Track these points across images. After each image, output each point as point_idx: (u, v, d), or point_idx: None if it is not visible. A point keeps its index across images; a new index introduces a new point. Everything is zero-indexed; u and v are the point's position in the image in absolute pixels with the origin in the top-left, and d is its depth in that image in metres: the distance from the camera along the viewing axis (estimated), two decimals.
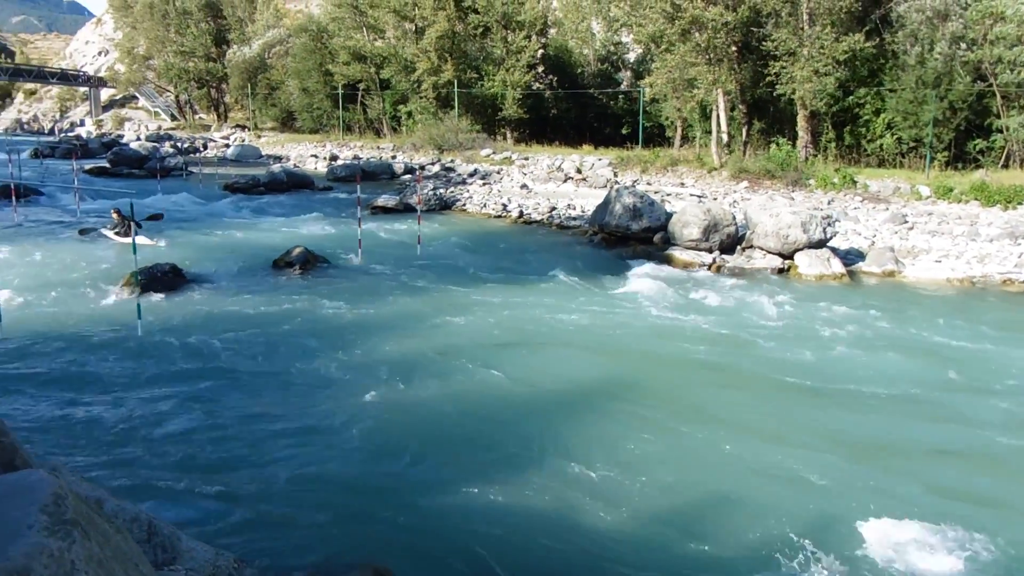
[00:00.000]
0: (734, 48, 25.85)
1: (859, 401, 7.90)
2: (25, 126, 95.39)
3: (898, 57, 24.09)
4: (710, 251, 15.15)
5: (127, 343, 9.28)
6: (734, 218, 15.82)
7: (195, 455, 6.32)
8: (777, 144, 25.27)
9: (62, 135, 68.80)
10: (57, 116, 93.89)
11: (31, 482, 1.69)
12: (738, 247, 15.37)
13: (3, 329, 9.18)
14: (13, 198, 20.45)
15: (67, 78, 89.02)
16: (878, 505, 5.64)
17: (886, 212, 18.77)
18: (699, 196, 22.25)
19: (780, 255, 14.65)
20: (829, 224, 14.80)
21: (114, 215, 16.61)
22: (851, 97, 25.41)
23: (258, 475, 6.00)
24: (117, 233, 16.16)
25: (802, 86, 23.51)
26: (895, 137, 24.80)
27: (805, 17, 23.80)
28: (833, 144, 26.10)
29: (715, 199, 21.53)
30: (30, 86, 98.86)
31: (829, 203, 20.44)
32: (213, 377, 8.26)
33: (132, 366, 8.53)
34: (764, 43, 24.87)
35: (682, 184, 25.15)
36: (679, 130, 32.24)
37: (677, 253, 15.21)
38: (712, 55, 25.01)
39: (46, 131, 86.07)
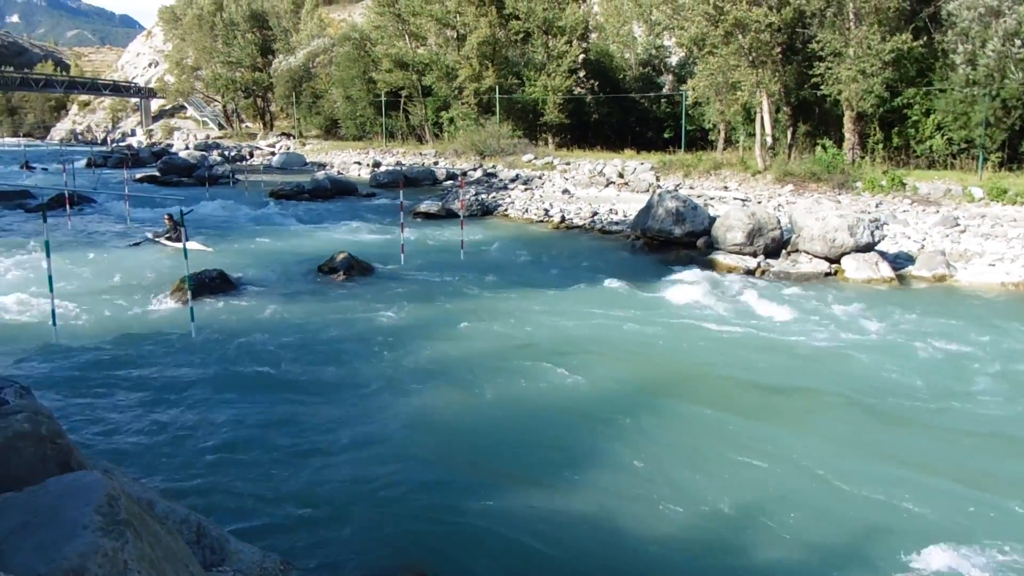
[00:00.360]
0: (778, 50, 25.53)
1: (911, 414, 7.67)
2: (79, 136, 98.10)
3: (948, 56, 23.51)
4: (754, 255, 14.95)
5: (178, 348, 9.47)
6: (779, 222, 15.60)
7: (242, 458, 6.42)
8: (823, 146, 24.86)
9: (114, 145, 70.63)
10: (109, 126, 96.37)
11: (86, 483, 1.73)
12: (783, 251, 15.15)
13: (58, 334, 9.43)
14: (67, 206, 21.07)
15: (119, 89, 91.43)
16: (931, 528, 5.49)
17: (936, 215, 18.34)
18: (743, 200, 21.99)
19: (826, 259, 14.40)
20: (877, 227, 14.51)
21: (166, 220, 17.01)
22: (899, 98, 24.88)
23: (303, 478, 6.07)
24: (168, 238, 16.55)
25: (848, 87, 23.12)
26: (945, 138, 24.21)
27: (851, 17, 23.40)
28: (881, 146, 25.57)
29: (759, 203, 21.26)
30: (84, 97, 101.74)
31: (877, 206, 20.04)
32: (260, 381, 8.39)
33: (182, 370, 8.70)
34: (809, 44, 24.51)
35: (725, 188, 24.89)
36: (722, 133, 31.91)
37: (720, 258, 15.05)
38: (755, 57, 24.72)
39: (99, 141, 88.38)
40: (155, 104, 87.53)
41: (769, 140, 26.56)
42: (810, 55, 24.90)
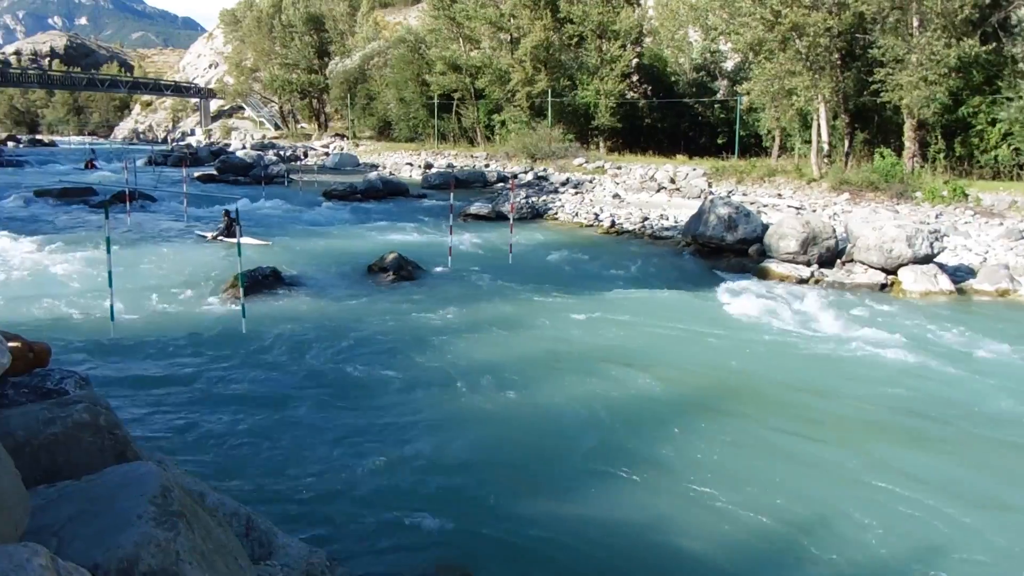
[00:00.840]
0: (837, 55, 25.04)
1: (969, 437, 7.39)
2: (141, 135, 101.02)
3: (1017, 63, 22.78)
4: (808, 264, 14.68)
5: (231, 343, 9.65)
6: (834, 231, 15.28)
7: (288, 454, 6.52)
8: (881, 154, 24.29)
9: (174, 144, 72.48)
10: (170, 126, 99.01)
11: (141, 474, 1.77)
12: (837, 261, 14.84)
13: (115, 328, 9.69)
14: (127, 203, 21.67)
15: (180, 90, 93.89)
16: (983, 562, 5.32)
17: (1000, 227, 17.76)
18: (797, 208, 21.60)
19: (883, 270, 14.06)
20: (937, 239, 14.12)
21: (224, 216, 17.45)
22: (964, 106, 24.19)
23: (347, 475, 6.13)
24: (224, 234, 16.95)
25: (910, 94, 22.54)
26: (1012, 148, 23.46)
27: (915, 22, 22.82)
28: (942, 155, 24.89)
29: (814, 211, 20.85)
30: (146, 98, 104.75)
31: (937, 217, 19.50)
32: (309, 379, 8.51)
33: (232, 366, 8.86)
34: (869, 50, 23.98)
35: (779, 195, 24.49)
36: (777, 140, 31.43)
37: (773, 266, 14.81)
38: (813, 62, 24.28)
39: (159, 140, 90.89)
40: (214, 104, 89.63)
41: (825, 147, 26.04)
42: (870, 61, 24.37)
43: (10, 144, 72.20)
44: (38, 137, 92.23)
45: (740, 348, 10.00)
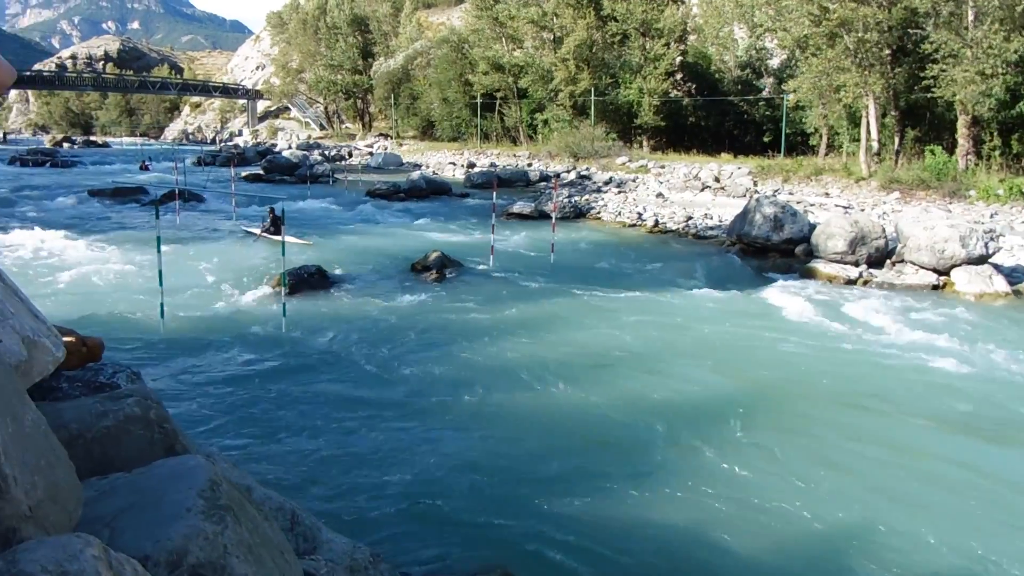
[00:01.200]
0: (887, 51, 24.50)
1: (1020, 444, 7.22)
2: (190, 136, 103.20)
3: None
4: (856, 265, 14.39)
5: (276, 341, 9.79)
6: (883, 230, 14.95)
7: (329, 450, 6.58)
8: (931, 152, 23.70)
9: (222, 144, 73.90)
10: (218, 127, 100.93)
11: (190, 467, 1.79)
12: (887, 261, 14.51)
13: (165, 324, 9.89)
14: (177, 202, 22.14)
15: (228, 91, 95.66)
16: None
17: None
18: (845, 207, 21.20)
19: (934, 271, 13.72)
20: (991, 239, 13.72)
21: (269, 213, 17.73)
22: (1022, 102, 23.47)
23: (389, 472, 6.17)
24: (267, 231, 17.23)
25: (964, 89, 21.94)
26: None
27: (970, 16, 22.21)
28: (998, 152, 24.18)
29: (863, 210, 20.44)
30: (195, 99, 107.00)
31: (992, 216, 18.97)
32: (351, 377, 8.58)
33: (278, 362, 8.98)
34: (921, 45, 23.42)
35: (827, 194, 24.06)
36: (824, 138, 30.88)
37: (820, 266, 14.54)
38: (862, 58, 23.79)
39: (208, 140, 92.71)
40: (261, 105, 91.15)
41: (875, 145, 25.51)
42: (922, 56, 23.77)
43: (65, 145, 74.31)
44: (92, 138, 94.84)
45: (787, 350, 9.84)
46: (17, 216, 20.65)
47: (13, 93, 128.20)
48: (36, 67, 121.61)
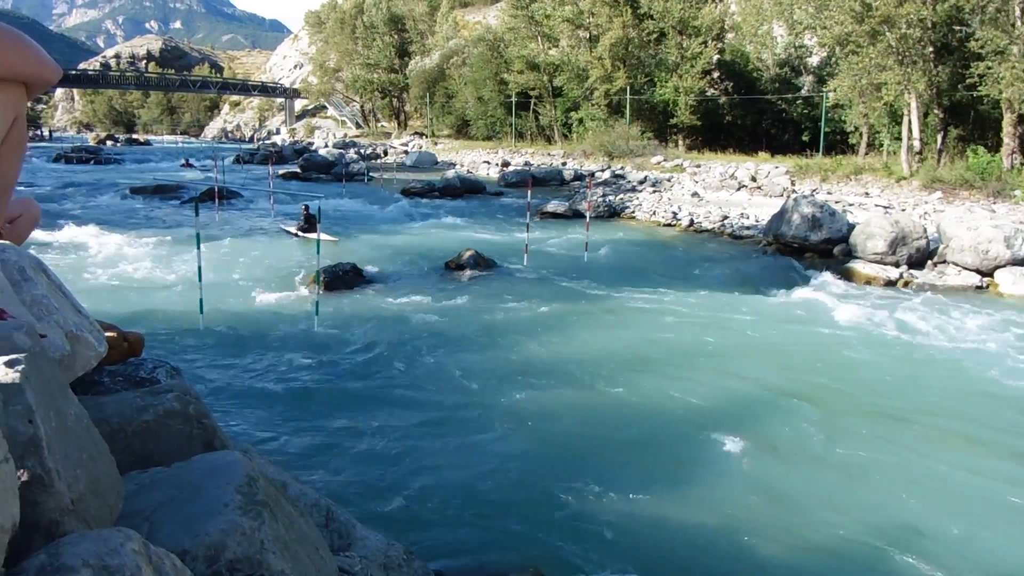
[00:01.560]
0: (930, 48, 24.02)
1: None
2: (229, 134, 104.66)
3: None
4: (896, 265, 14.14)
5: (308, 337, 9.89)
6: (925, 231, 14.68)
7: (363, 447, 6.63)
8: (974, 151, 23.18)
9: (260, 142, 74.79)
10: (256, 125, 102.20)
11: (228, 462, 1.82)
12: (928, 262, 14.24)
13: (204, 321, 10.05)
14: (216, 200, 22.49)
15: (267, 90, 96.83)
16: None
17: None
18: (885, 207, 20.83)
19: (978, 272, 13.43)
20: None
21: (303, 211, 17.98)
22: None
23: (420, 471, 6.20)
24: (302, 229, 17.44)
25: (1010, 87, 21.44)
26: None
27: (1017, 12, 21.69)
28: None
29: (903, 210, 20.07)
30: (235, 98, 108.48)
31: None
32: (383, 374, 8.64)
33: (314, 359, 9.07)
34: (967, 42, 22.92)
35: (866, 194, 23.66)
36: (864, 137, 30.37)
37: (859, 267, 14.31)
38: (905, 56, 23.36)
39: (247, 139, 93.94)
40: (298, 104, 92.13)
41: (916, 144, 25.02)
42: (967, 54, 23.26)
43: (109, 143, 75.90)
44: (134, 136, 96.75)
45: (822, 352, 9.70)
46: (62, 213, 21.11)
47: (59, 92, 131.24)
48: (81, 66, 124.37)
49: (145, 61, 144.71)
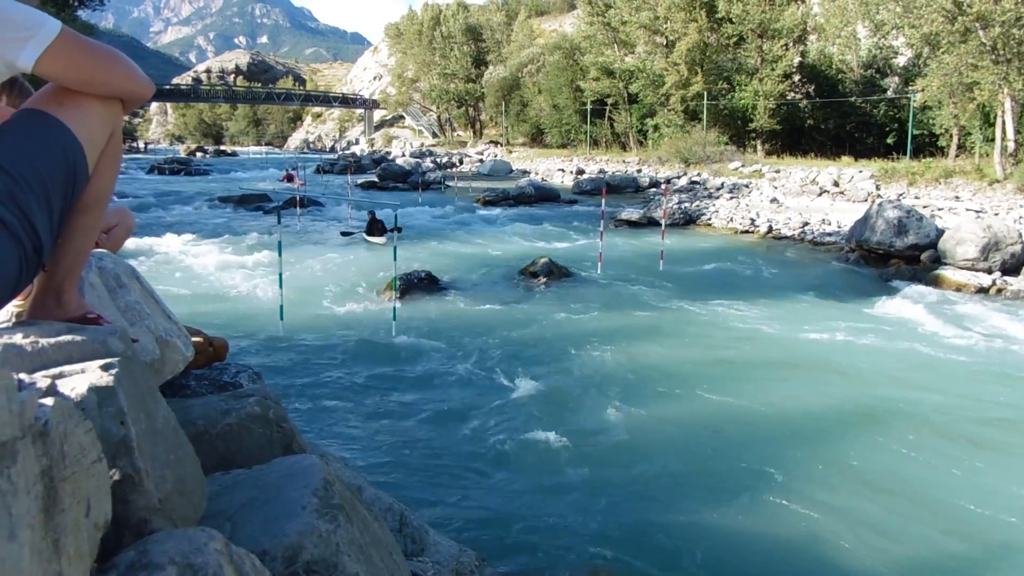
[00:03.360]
0: None
1: None
2: (311, 145, 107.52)
3: None
4: (988, 272, 13.51)
5: (385, 343, 10.06)
6: (1020, 235, 13.99)
7: (437, 453, 6.70)
8: None
9: (340, 153, 76.56)
10: (337, 136, 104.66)
11: (305, 466, 1.87)
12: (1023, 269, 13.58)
13: (284, 326, 10.34)
14: (297, 208, 23.14)
15: (347, 101, 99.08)
16: None
17: None
18: (977, 211, 19.94)
19: None
20: None
21: (369, 216, 18.52)
22: None
23: (494, 477, 6.23)
24: (369, 233, 18.27)
25: None
26: None
27: None
28: None
29: (996, 214, 19.17)
30: (317, 109, 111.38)
31: None
32: (458, 381, 8.72)
33: (389, 366, 9.22)
34: None
35: (956, 198, 22.69)
36: (955, 139, 29.15)
37: (948, 273, 13.73)
38: (1000, 54, 22.33)
39: (327, 149, 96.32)
40: (377, 115, 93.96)
41: (1011, 145, 23.87)
42: None
43: (199, 154, 78.94)
44: (222, 148, 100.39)
45: (908, 362, 9.34)
46: (154, 222, 22.05)
47: (153, 106, 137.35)
48: (174, 81, 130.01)
49: (233, 75, 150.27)
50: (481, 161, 51.34)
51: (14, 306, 1.96)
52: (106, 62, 1.77)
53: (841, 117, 38.37)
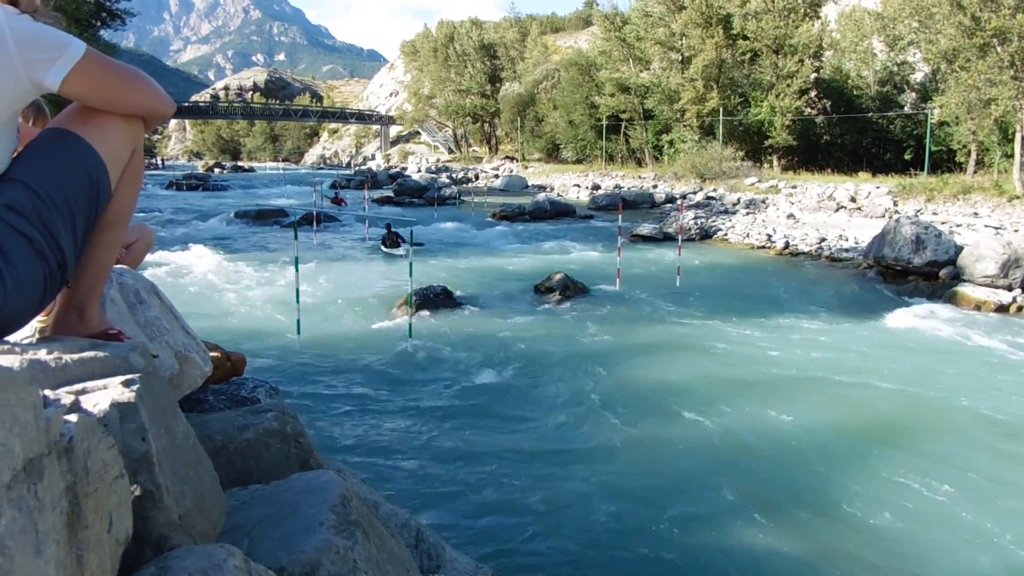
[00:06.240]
0: None
1: None
2: (327, 161, 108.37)
3: None
4: (1008, 289, 13.37)
5: (401, 358, 10.08)
6: None
7: (453, 470, 6.69)
8: None
9: (356, 168, 77.06)
10: (353, 151, 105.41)
11: (322, 482, 1.87)
12: None
13: (301, 342, 10.38)
14: (314, 223, 23.29)
15: (363, 118, 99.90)
16: None
17: None
18: (996, 228, 19.77)
19: None
20: None
21: (385, 229, 18.69)
22: None
23: (510, 494, 6.20)
24: (386, 244, 18.67)
25: None
26: None
27: None
28: None
29: (1016, 231, 19.00)
30: (333, 125, 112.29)
31: None
32: (474, 397, 8.71)
33: (406, 381, 9.23)
34: None
35: (975, 214, 22.53)
36: (973, 155, 28.98)
37: (967, 290, 13.61)
38: (1019, 69, 22.21)
39: (344, 165, 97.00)
40: (393, 130, 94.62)
41: None
42: None
43: (216, 170, 79.70)
44: (239, 163, 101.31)
45: (926, 380, 9.24)
46: (173, 237, 22.25)
47: (172, 122, 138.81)
48: (193, 98, 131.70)
49: (251, 92, 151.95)
50: (496, 176, 51.48)
51: (37, 322, 1.99)
52: (129, 81, 1.80)
53: (858, 133, 38.25)
